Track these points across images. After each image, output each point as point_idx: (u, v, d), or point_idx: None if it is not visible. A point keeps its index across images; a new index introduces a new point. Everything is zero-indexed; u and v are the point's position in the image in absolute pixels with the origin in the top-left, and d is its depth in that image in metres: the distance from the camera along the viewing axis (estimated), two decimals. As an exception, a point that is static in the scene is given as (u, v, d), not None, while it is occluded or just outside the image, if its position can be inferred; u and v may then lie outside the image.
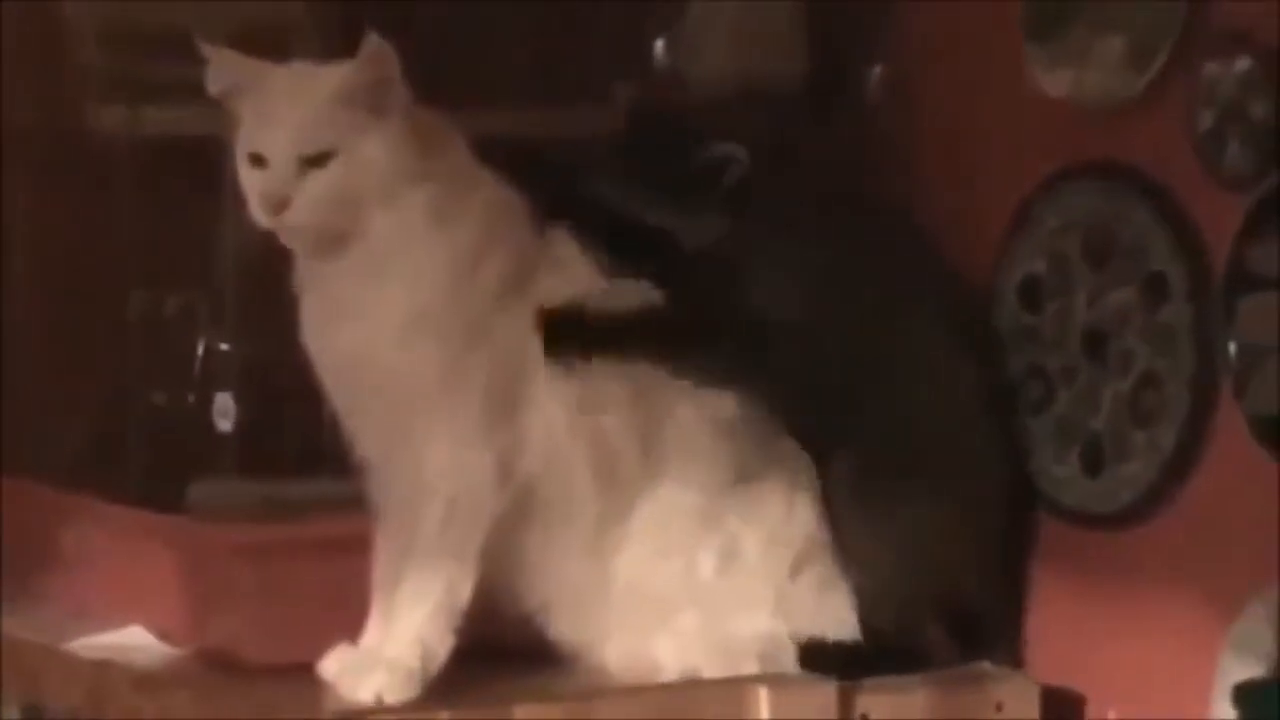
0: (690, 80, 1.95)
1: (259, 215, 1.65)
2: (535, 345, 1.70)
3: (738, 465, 1.74)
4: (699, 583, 1.72)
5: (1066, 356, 1.79)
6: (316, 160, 1.64)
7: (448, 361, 1.67)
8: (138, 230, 1.93)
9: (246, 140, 1.67)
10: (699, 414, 1.73)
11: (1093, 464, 1.77)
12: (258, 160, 1.66)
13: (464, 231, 1.67)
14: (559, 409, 1.70)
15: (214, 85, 1.67)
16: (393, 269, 1.67)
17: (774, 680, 1.70)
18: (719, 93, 1.93)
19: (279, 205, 1.65)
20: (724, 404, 1.74)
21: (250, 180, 1.66)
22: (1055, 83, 1.79)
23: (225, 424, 1.81)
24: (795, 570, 1.74)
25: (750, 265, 1.76)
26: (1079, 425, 1.78)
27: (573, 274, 1.73)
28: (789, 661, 1.72)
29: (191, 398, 1.84)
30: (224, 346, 1.83)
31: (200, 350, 1.84)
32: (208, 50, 1.67)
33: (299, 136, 1.64)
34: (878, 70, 1.92)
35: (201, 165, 1.78)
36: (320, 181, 1.65)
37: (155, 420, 1.89)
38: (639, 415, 1.72)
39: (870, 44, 1.92)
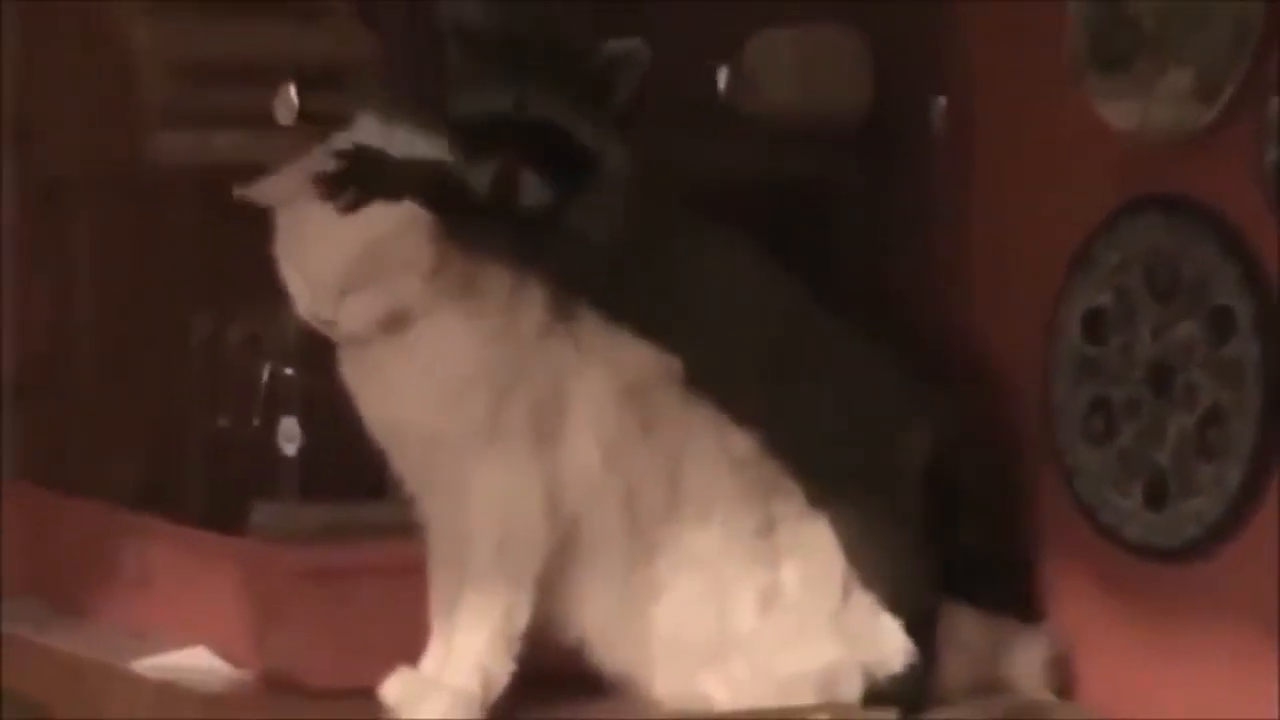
0: (751, 114, 1.92)
1: (304, 316, 1.68)
2: (572, 382, 1.70)
3: (762, 500, 1.73)
4: (745, 627, 1.72)
5: (1130, 390, 1.78)
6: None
7: (490, 409, 1.68)
8: (202, 257, 1.95)
9: (286, 247, 1.67)
10: (718, 454, 1.72)
11: (1156, 498, 1.76)
12: (302, 271, 1.67)
13: (495, 293, 1.69)
14: (593, 447, 1.70)
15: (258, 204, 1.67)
16: (426, 337, 1.68)
17: (834, 710, 1.69)
18: (781, 126, 1.92)
19: (324, 325, 1.67)
20: (742, 443, 1.73)
21: (294, 282, 1.68)
22: (1120, 116, 1.77)
23: (290, 448, 1.81)
24: (845, 594, 1.73)
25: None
26: (1143, 459, 1.77)
27: None
28: (852, 690, 1.71)
29: (256, 422, 1.85)
30: (288, 371, 1.83)
31: (265, 375, 1.85)
32: (250, 193, 1.66)
33: (336, 275, 1.65)
34: (940, 102, 1.90)
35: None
36: (362, 305, 1.66)
37: (220, 444, 1.90)
38: (661, 457, 1.71)
39: (933, 76, 1.90)
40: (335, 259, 1.65)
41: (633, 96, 1.69)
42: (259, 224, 1.68)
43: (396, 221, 1.65)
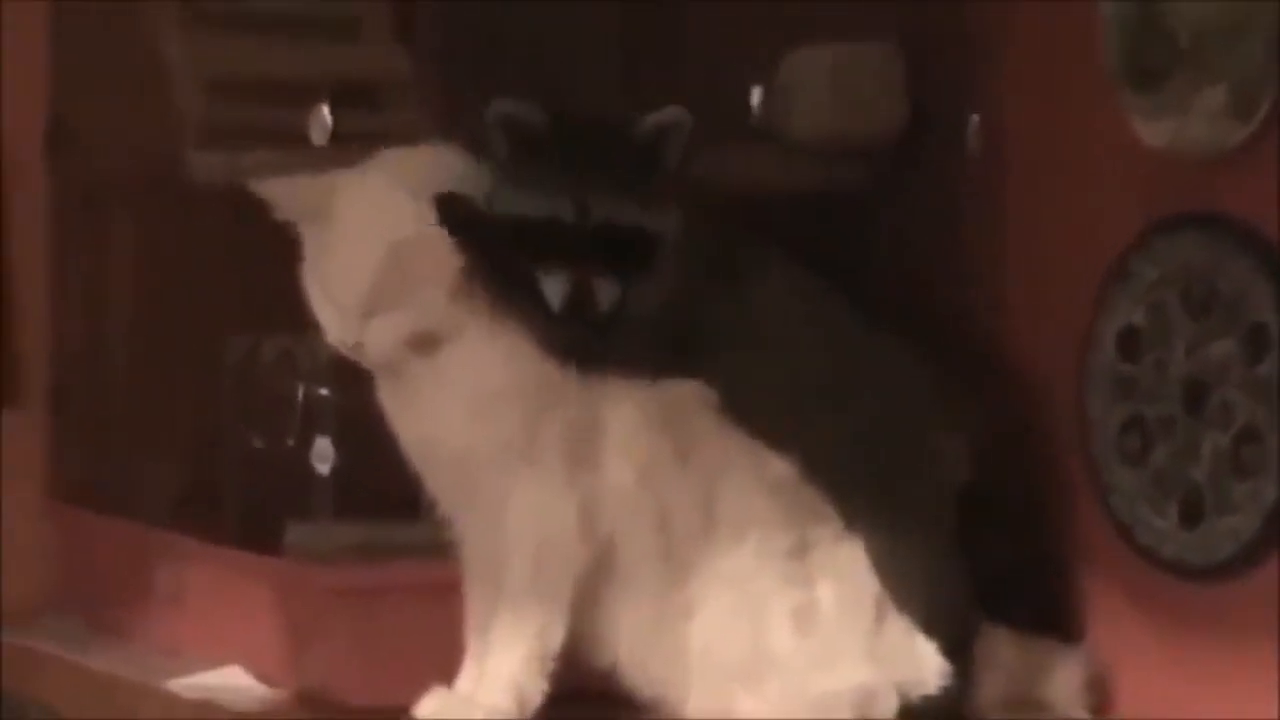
0: (788, 132, 1.93)
1: (333, 343, 1.67)
2: (606, 406, 1.69)
3: (797, 523, 1.72)
4: (780, 648, 1.71)
5: (1165, 407, 1.77)
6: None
7: (524, 427, 1.67)
8: (237, 274, 1.93)
9: (311, 271, 1.67)
10: (754, 478, 1.71)
11: (1192, 516, 1.76)
12: (327, 294, 1.67)
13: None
14: (626, 471, 1.69)
15: (279, 213, 1.67)
16: (457, 355, 1.68)
17: (869, 730, 1.69)
18: (816, 143, 1.92)
19: (353, 349, 1.67)
20: (777, 466, 1.72)
21: (321, 309, 1.67)
22: (1155, 133, 1.76)
23: (323, 467, 1.81)
24: (880, 616, 1.72)
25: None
26: (1178, 477, 1.76)
27: None
28: (886, 710, 1.70)
29: (290, 441, 1.84)
30: (323, 391, 1.83)
31: (299, 395, 1.84)
32: (261, 187, 1.66)
33: (360, 295, 1.64)
34: (974, 120, 1.89)
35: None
36: (388, 327, 1.66)
37: (254, 463, 1.89)
38: (695, 481, 1.71)
39: (967, 93, 1.89)
40: (358, 280, 1.64)
41: (680, 163, 1.67)
42: (292, 242, 1.68)
43: (417, 237, 1.64)
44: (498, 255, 1.66)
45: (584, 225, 1.64)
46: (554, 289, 1.65)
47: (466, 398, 1.67)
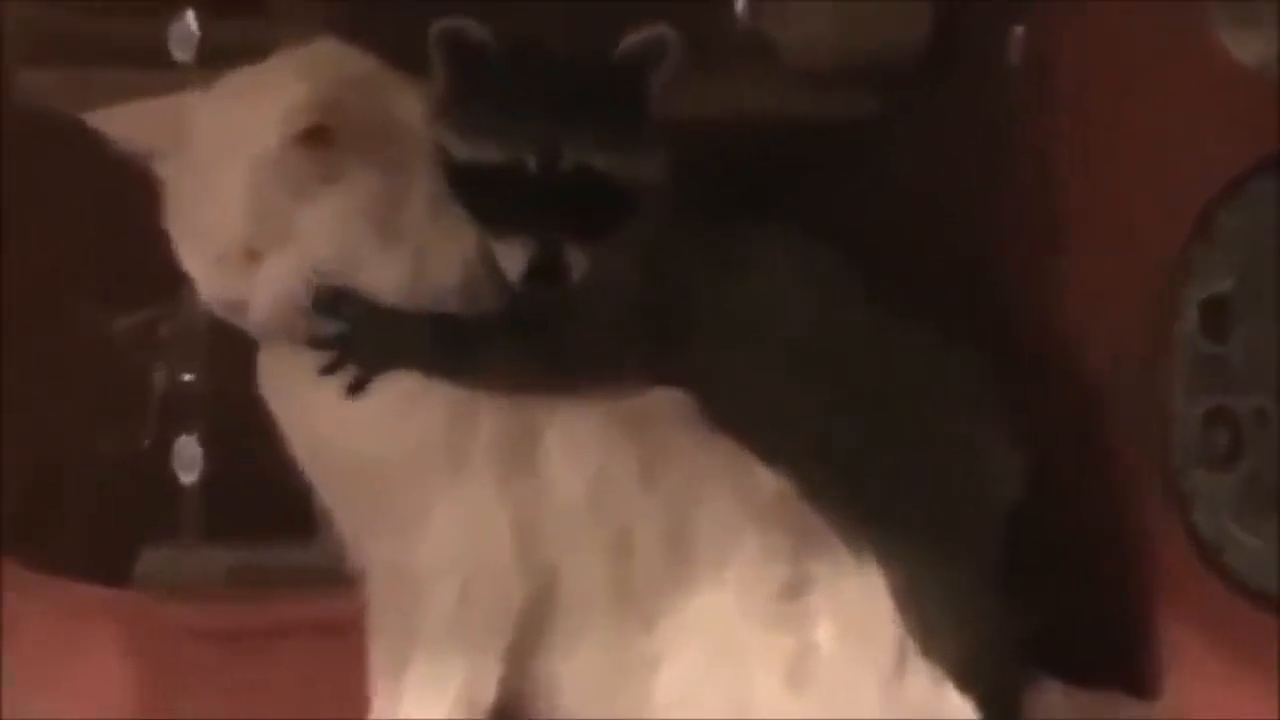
0: (782, 48, 1.77)
1: (209, 301, 1.54)
2: (550, 405, 1.58)
3: (792, 555, 1.61)
4: (768, 706, 1.59)
5: (1260, 397, 1.61)
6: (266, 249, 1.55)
7: (449, 428, 1.56)
8: (81, 228, 1.77)
9: (174, 213, 1.53)
10: (739, 499, 1.60)
11: (1293, 535, 1.65)
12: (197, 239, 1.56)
13: (448, 279, 1.57)
14: (574, 486, 1.58)
15: (123, 146, 1.52)
16: None
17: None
18: (816, 63, 1.76)
19: (235, 308, 1.53)
20: (768, 482, 1.60)
21: (191, 259, 1.53)
22: (1250, 48, 1.60)
23: (188, 475, 1.73)
24: (900, 663, 1.59)
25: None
26: (1275, 483, 1.60)
27: None
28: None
29: (146, 442, 1.75)
30: (187, 377, 1.74)
31: (158, 382, 1.75)
32: (95, 118, 1.51)
33: (234, 231, 1.52)
34: (1017, 33, 1.76)
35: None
36: (275, 275, 1.52)
37: (100, 470, 1.78)
38: (663, 501, 1.60)
39: (1009, 2, 1.75)
40: (229, 213, 1.50)
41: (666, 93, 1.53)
42: (152, 186, 1.53)
43: (290, 145, 1.48)
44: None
45: (551, 176, 1.49)
46: (513, 257, 1.50)
47: (375, 393, 1.54)
